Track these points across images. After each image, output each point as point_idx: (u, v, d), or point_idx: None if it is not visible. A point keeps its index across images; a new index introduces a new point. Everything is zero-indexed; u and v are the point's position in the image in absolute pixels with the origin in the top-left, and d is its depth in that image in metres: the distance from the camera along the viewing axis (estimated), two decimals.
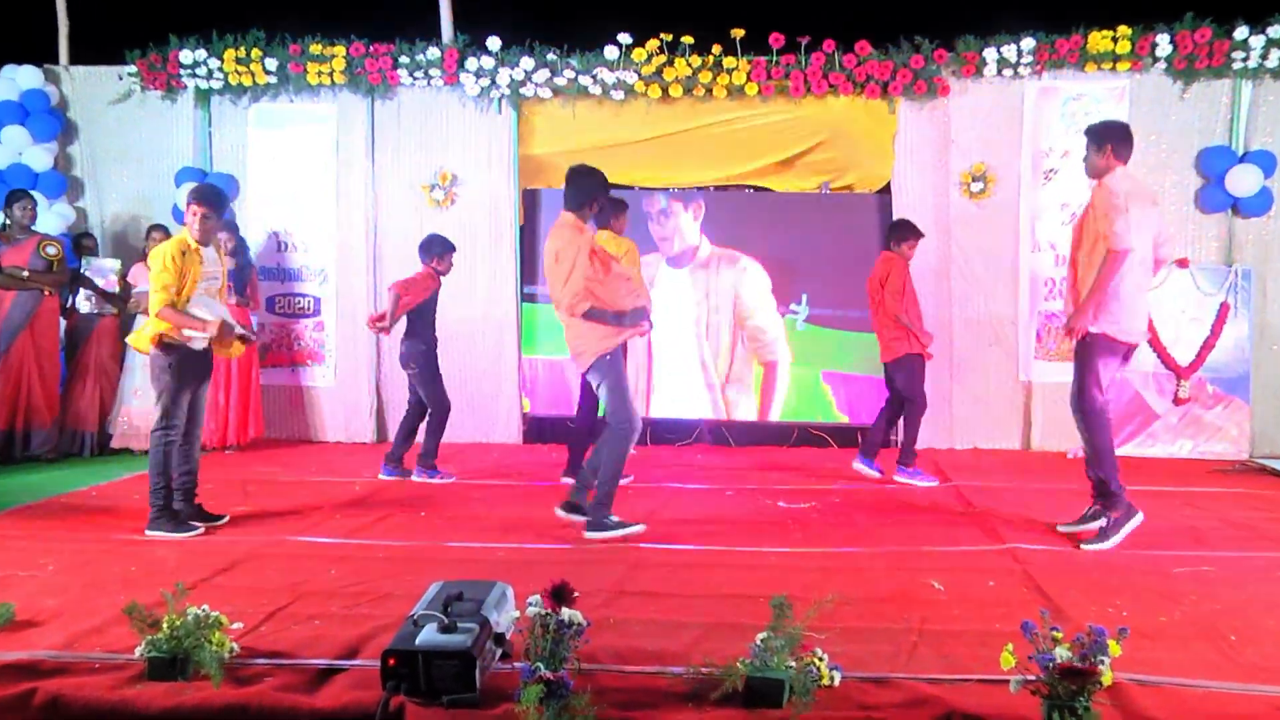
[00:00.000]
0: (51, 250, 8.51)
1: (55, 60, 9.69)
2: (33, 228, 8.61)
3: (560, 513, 6.07)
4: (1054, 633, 3.35)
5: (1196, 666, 3.87)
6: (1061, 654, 3.27)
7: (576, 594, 3.60)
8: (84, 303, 8.88)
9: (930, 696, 3.55)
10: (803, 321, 9.29)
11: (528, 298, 9.45)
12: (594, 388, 6.09)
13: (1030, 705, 3.32)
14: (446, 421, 7.76)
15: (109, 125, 9.58)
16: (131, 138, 9.56)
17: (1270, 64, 8.38)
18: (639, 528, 5.87)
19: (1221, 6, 8.44)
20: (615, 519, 5.89)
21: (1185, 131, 8.59)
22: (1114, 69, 8.61)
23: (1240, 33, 8.33)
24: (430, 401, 7.67)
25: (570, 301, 5.74)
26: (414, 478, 7.65)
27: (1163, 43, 8.44)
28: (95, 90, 9.57)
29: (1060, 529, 6.04)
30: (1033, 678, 3.30)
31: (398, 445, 7.75)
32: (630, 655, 3.94)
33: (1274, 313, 8.69)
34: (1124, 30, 8.48)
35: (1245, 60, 8.39)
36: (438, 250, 7.73)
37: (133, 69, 9.35)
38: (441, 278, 7.76)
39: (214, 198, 6.11)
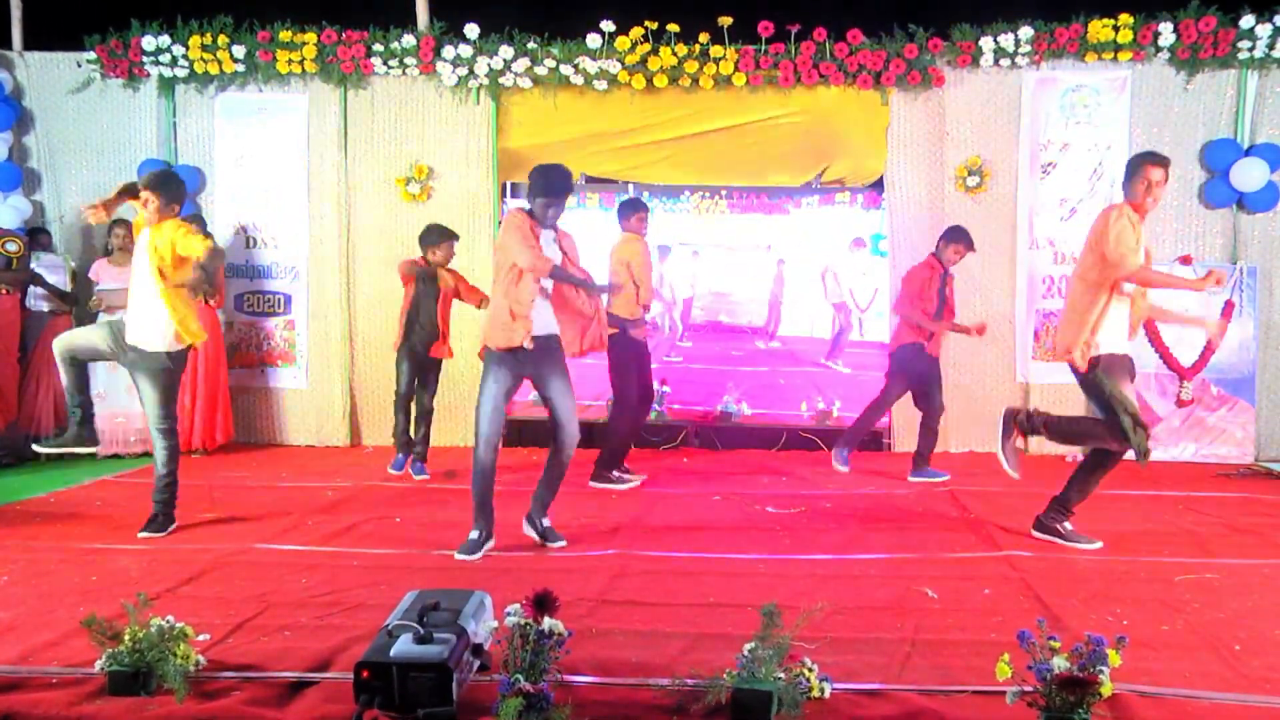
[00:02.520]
0: (12, 247, 8.28)
1: (9, 46, 9.33)
2: None
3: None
4: (1051, 642, 3.33)
5: (1199, 677, 3.83)
6: (1059, 664, 3.25)
7: (559, 603, 3.51)
8: (38, 302, 8.53)
9: (924, 709, 3.54)
10: None
11: None
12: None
13: (1027, 717, 3.29)
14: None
15: (67, 114, 9.26)
16: (91, 128, 9.24)
17: (1277, 54, 8.24)
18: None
19: None
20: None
21: (1189, 124, 8.44)
22: (1115, 59, 8.44)
23: (1246, 21, 8.18)
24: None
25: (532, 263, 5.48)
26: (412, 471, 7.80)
27: (1165, 32, 8.28)
28: (52, 78, 9.25)
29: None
30: (1030, 689, 3.28)
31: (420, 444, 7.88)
32: (613, 666, 3.90)
33: (1278, 313, 8.51)
34: (1125, 19, 8.33)
35: (1251, 50, 8.25)
36: (432, 240, 7.63)
37: (92, 56, 9.05)
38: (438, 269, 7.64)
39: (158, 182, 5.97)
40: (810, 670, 3.52)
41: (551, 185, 5.58)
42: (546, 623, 3.42)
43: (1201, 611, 4.62)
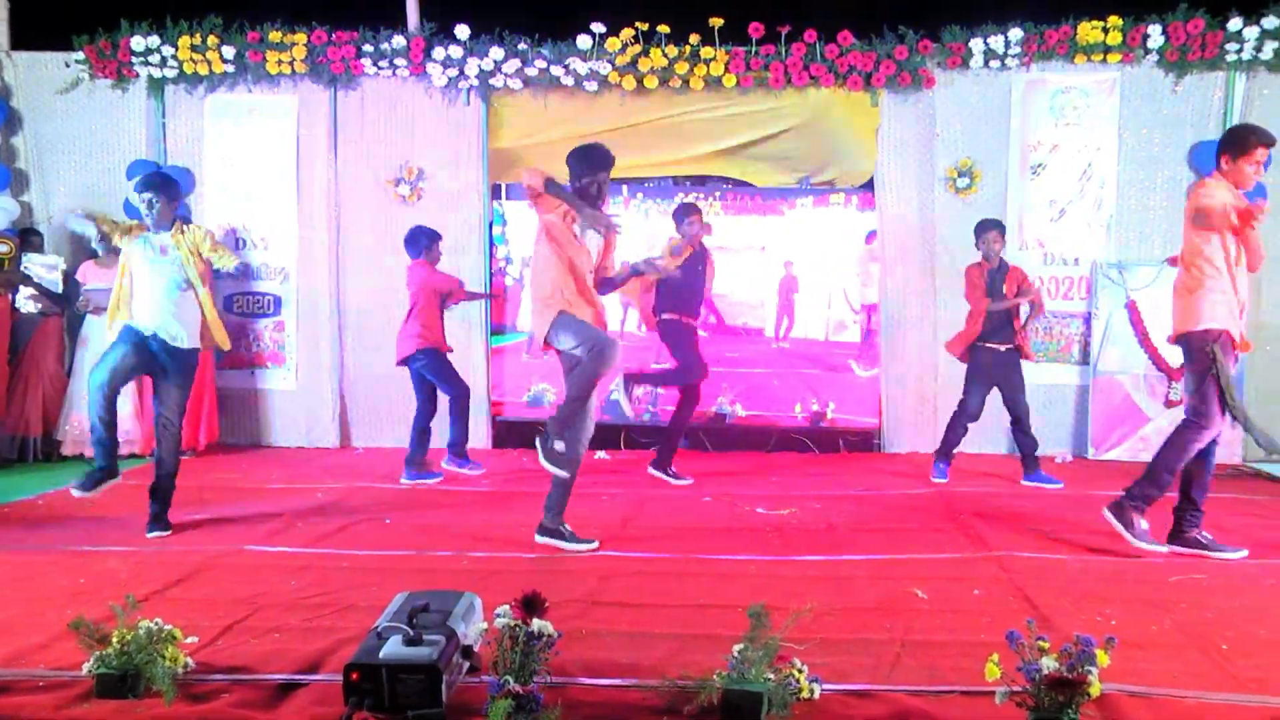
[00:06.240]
0: (2, 248, 8.19)
1: None
2: None
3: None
4: (1040, 642, 3.33)
5: (1187, 676, 3.84)
6: (1048, 664, 3.24)
7: (548, 604, 3.49)
8: (27, 303, 8.48)
9: (913, 709, 3.53)
10: None
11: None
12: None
13: (1016, 717, 3.28)
14: (469, 405, 7.78)
15: (55, 115, 9.19)
16: (80, 128, 9.18)
17: (1264, 56, 8.27)
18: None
19: None
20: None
21: (1178, 125, 8.46)
22: (1104, 61, 8.47)
23: (1234, 24, 8.22)
24: (448, 391, 7.67)
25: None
26: (445, 465, 7.78)
27: (1154, 34, 8.31)
28: (40, 78, 9.18)
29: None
30: (1019, 689, 3.28)
31: (415, 448, 7.67)
32: (603, 668, 3.88)
33: (1267, 312, 8.55)
34: (1114, 21, 8.37)
35: (1239, 52, 8.28)
36: (425, 243, 7.66)
37: (80, 56, 9.00)
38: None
39: (160, 183, 6.08)
40: (800, 671, 3.50)
41: (592, 159, 5.69)
42: (536, 624, 3.40)
43: (1189, 612, 4.62)
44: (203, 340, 6.11)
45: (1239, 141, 5.47)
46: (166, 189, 6.05)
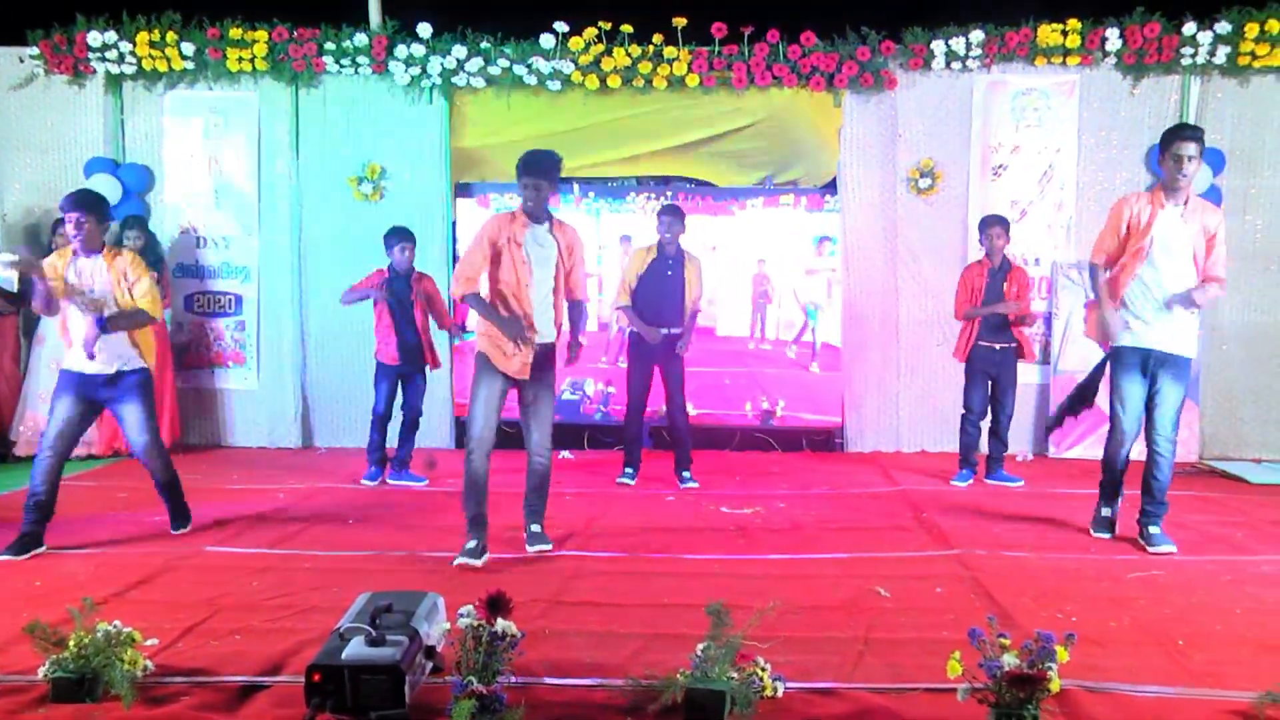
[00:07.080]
0: None
1: None
2: None
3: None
4: (1002, 639, 3.37)
5: (1145, 672, 3.90)
6: (1009, 661, 3.28)
7: (512, 604, 3.49)
8: None
9: (876, 707, 3.57)
10: None
11: None
12: None
13: (978, 714, 3.32)
14: (385, 425, 7.57)
15: (10, 111, 9.01)
16: (35, 125, 9.02)
17: (1218, 60, 8.36)
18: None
19: (1170, 2, 8.42)
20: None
21: (1136, 128, 8.55)
22: (1064, 63, 8.55)
23: (1189, 28, 8.31)
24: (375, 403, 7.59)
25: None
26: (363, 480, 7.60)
27: (1112, 37, 8.39)
28: None
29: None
30: (980, 686, 3.31)
31: (400, 448, 7.63)
32: (567, 667, 3.90)
33: (1224, 313, 8.63)
34: (1074, 24, 8.44)
35: (1194, 56, 8.37)
36: (390, 244, 7.51)
37: (35, 51, 8.84)
38: (398, 270, 7.53)
39: (91, 202, 5.67)
40: (763, 669, 3.52)
41: (526, 163, 5.44)
42: (500, 624, 3.40)
43: (1148, 608, 4.69)
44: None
45: (1163, 139, 5.70)
46: (97, 209, 5.62)
